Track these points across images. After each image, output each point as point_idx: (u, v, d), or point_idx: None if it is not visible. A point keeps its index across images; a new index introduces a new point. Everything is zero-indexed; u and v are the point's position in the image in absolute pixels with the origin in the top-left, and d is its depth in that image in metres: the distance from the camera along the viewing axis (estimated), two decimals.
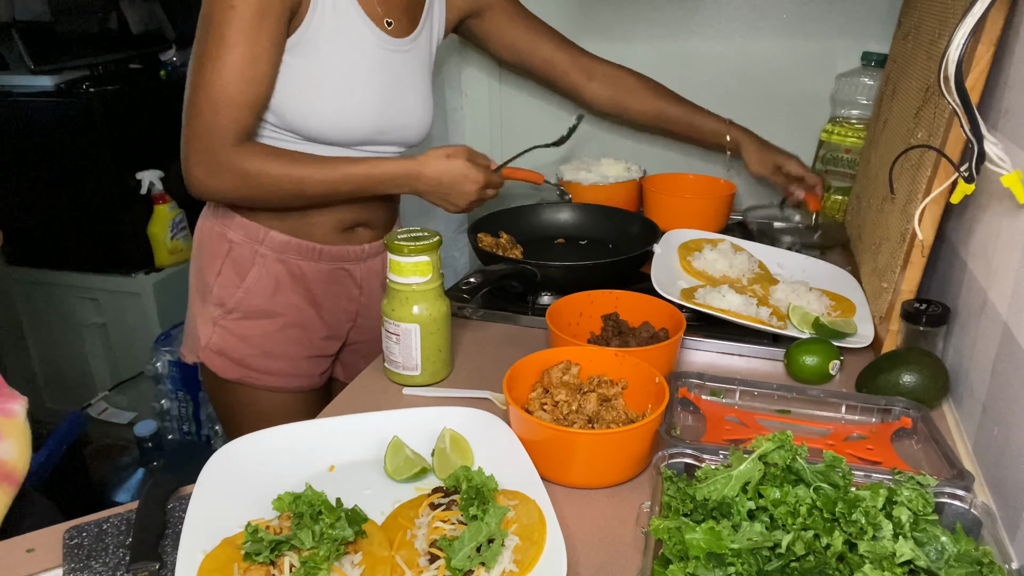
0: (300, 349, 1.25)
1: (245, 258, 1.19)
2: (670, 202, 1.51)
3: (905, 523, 0.61)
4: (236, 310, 1.20)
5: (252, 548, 0.64)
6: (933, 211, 0.95)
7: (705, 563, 0.59)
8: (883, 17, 1.50)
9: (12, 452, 0.84)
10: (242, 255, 1.19)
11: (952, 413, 0.95)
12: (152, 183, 2.27)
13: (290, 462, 0.80)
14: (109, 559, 0.70)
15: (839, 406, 0.92)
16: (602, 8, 1.66)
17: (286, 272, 1.20)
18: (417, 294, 0.97)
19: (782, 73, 1.60)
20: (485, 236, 1.33)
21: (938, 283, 1.09)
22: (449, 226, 1.92)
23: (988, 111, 0.91)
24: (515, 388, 0.88)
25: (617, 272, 1.22)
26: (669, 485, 0.70)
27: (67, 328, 2.44)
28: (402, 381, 1.02)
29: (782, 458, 0.67)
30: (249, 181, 1.07)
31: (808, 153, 1.62)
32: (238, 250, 1.19)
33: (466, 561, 0.64)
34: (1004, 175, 0.76)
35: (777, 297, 1.18)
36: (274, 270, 1.20)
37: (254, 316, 1.20)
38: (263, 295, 1.20)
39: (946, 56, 0.79)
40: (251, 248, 1.19)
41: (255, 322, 1.21)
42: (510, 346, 1.12)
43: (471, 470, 0.74)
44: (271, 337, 1.22)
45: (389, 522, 0.73)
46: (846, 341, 1.05)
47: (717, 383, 0.95)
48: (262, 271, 1.19)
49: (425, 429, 0.84)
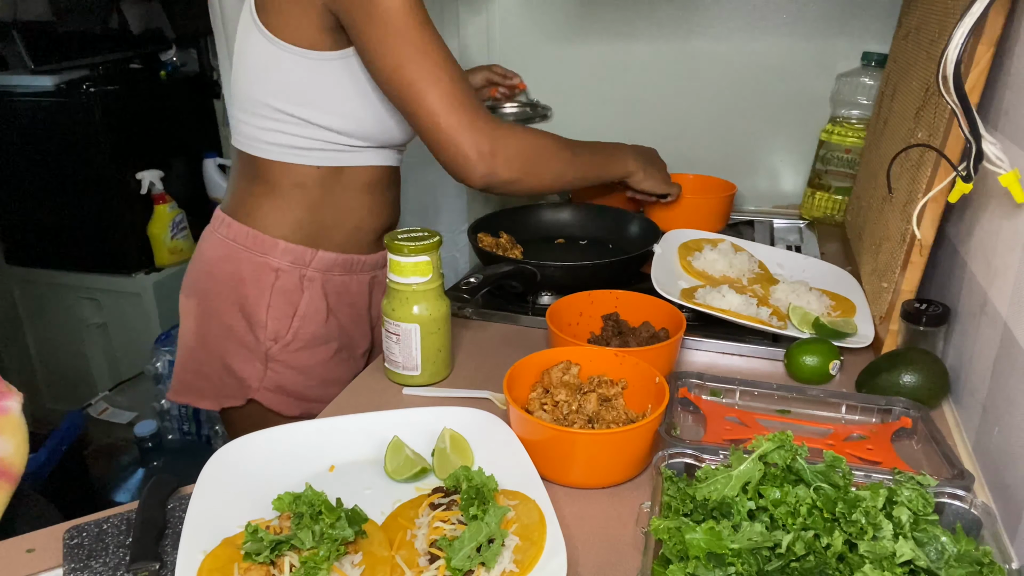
0: (349, 370, 1.21)
1: (293, 285, 1.13)
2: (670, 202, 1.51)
3: (905, 523, 0.61)
4: (293, 341, 1.14)
5: (252, 548, 0.64)
6: (933, 211, 0.95)
7: (705, 563, 0.59)
8: (883, 17, 1.50)
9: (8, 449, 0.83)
10: (290, 282, 1.13)
11: (952, 413, 0.95)
12: (152, 183, 2.28)
13: (290, 462, 0.80)
14: (109, 559, 0.70)
15: (839, 406, 0.92)
16: (602, 8, 1.66)
17: (333, 292, 1.17)
18: (417, 294, 0.97)
19: (782, 73, 1.60)
20: (485, 236, 1.33)
21: (938, 283, 1.09)
22: (449, 226, 1.92)
23: (988, 111, 0.91)
24: (515, 388, 0.88)
25: (617, 272, 1.22)
26: (669, 485, 0.70)
27: (67, 328, 2.44)
28: (402, 381, 1.02)
29: (782, 458, 0.67)
30: (531, 158, 1.07)
31: (808, 153, 1.62)
32: (285, 278, 1.12)
33: (466, 561, 0.64)
34: (1002, 174, 0.76)
35: (777, 297, 1.18)
36: (323, 292, 1.15)
37: (311, 345, 1.15)
38: (317, 321, 1.15)
39: (945, 56, 0.79)
40: (298, 273, 1.13)
41: (312, 351, 1.16)
42: (510, 346, 1.12)
43: (471, 470, 0.74)
44: (327, 364, 1.17)
45: (389, 522, 0.73)
46: (846, 341, 1.05)
47: (717, 383, 0.95)
48: (312, 295, 1.14)
49: (425, 429, 0.84)
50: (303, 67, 1.03)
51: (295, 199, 1.12)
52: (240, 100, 1.11)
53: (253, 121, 1.10)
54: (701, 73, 1.65)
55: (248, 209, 1.13)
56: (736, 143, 1.69)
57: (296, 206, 1.12)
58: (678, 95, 1.69)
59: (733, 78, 1.63)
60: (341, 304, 1.19)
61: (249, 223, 1.12)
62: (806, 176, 1.62)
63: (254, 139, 1.11)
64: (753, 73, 1.62)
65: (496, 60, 1.77)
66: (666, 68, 1.67)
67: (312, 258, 1.13)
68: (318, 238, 1.14)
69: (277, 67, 1.05)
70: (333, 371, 1.18)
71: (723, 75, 1.64)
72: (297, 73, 1.04)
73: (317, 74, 1.04)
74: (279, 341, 1.13)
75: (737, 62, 1.62)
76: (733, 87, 1.64)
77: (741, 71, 1.62)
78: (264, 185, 1.12)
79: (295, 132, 1.08)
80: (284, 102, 1.06)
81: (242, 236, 1.13)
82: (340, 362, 1.20)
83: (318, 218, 1.13)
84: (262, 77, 1.07)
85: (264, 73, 1.06)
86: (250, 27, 1.06)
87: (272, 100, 1.06)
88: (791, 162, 1.68)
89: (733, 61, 1.62)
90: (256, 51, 1.06)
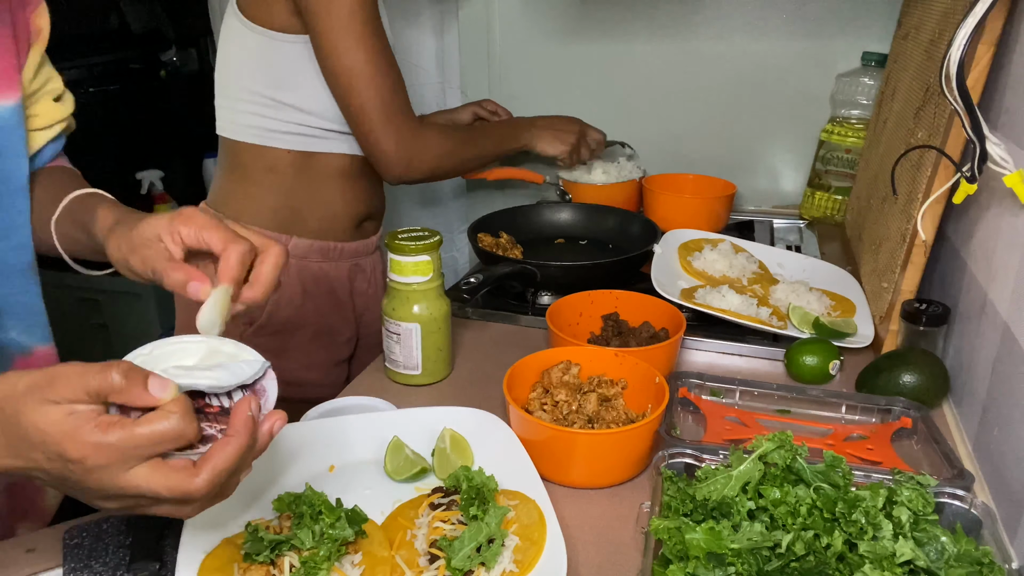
0: (328, 355, 1.25)
1: None
2: (670, 202, 1.51)
3: (905, 523, 0.61)
4: (268, 325, 1.18)
5: (252, 548, 0.64)
6: (933, 211, 0.95)
7: (705, 563, 0.59)
8: (883, 17, 1.50)
9: None
10: None
11: (952, 413, 0.95)
12: (152, 183, 2.28)
13: (290, 462, 0.80)
14: (109, 559, 0.70)
15: (839, 406, 0.92)
16: (602, 8, 1.66)
17: (311, 277, 1.20)
18: (418, 293, 0.97)
19: (782, 73, 1.60)
20: (485, 236, 1.33)
21: (938, 283, 1.09)
22: (449, 226, 1.92)
23: (988, 111, 0.91)
24: (515, 388, 0.88)
25: (617, 272, 1.22)
26: (669, 485, 0.70)
27: (67, 328, 2.43)
28: (402, 380, 1.02)
29: (782, 458, 0.67)
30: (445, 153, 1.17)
31: (808, 153, 1.62)
32: None
33: (466, 561, 0.64)
34: (1006, 175, 0.75)
35: (777, 297, 1.18)
36: (299, 277, 1.19)
37: (285, 329, 1.19)
38: (291, 306, 1.18)
39: (947, 56, 0.79)
40: None
41: (287, 335, 1.19)
42: (510, 346, 1.12)
43: (471, 470, 0.74)
44: (304, 348, 1.21)
45: (389, 522, 0.73)
46: (846, 341, 1.05)
47: (717, 383, 0.95)
48: (287, 281, 1.17)
49: (425, 429, 0.84)
50: (274, 49, 1.10)
51: (268, 185, 1.17)
52: (221, 87, 1.18)
53: (231, 105, 1.16)
54: (701, 73, 1.65)
55: (226, 199, 1.20)
56: (736, 143, 1.69)
57: (269, 192, 1.17)
58: (678, 95, 1.69)
59: (733, 78, 1.63)
60: (319, 290, 1.22)
61: (225, 212, 1.18)
62: (806, 176, 1.62)
63: (231, 123, 1.17)
64: (753, 73, 1.62)
65: (496, 60, 1.77)
66: (666, 68, 1.66)
67: (286, 244, 1.17)
68: (292, 224, 1.18)
69: (251, 50, 1.11)
70: (312, 355, 1.22)
71: (723, 75, 1.64)
72: (269, 55, 1.10)
73: (287, 56, 1.10)
74: (253, 324, 1.18)
75: (737, 62, 1.62)
76: (733, 87, 1.64)
77: (741, 71, 1.62)
78: (240, 171, 1.18)
79: (269, 115, 1.13)
80: (258, 83, 1.12)
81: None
82: (320, 347, 1.23)
83: (291, 204, 1.18)
84: (239, 62, 1.13)
85: (241, 58, 1.13)
86: (231, 19, 1.13)
87: (247, 82, 1.13)
88: (791, 162, 1.68)
89: (733, 61, 1.62)
90: (233, 36, 1.12)
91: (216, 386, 0.55)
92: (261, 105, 1.13)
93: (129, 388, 0.50)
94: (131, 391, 0.50)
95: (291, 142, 1.15)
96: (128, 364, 0.51)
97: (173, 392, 0.51)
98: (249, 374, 0.57)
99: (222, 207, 1.19)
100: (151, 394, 0.50)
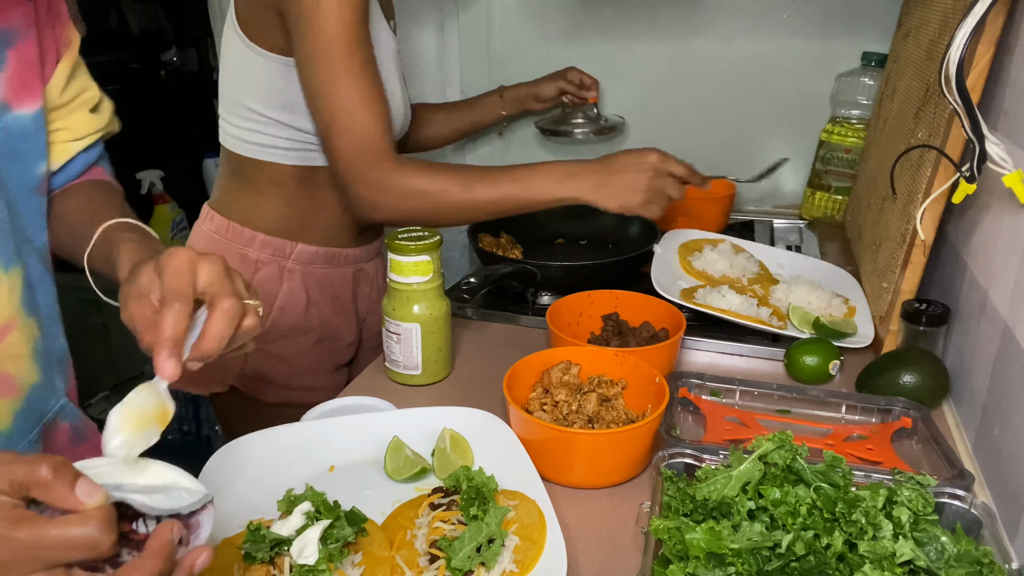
0: (331, 360, 1.25)
1: (273, 276, 1.17)
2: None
3: (905, 523, 0.61)
4: (272, 331, 1.18)
5: (252, 548, 0.64)
6: (934, 211, 0.95)
7: (705, 563, 0.59)
8: (883, 17, 1.50)
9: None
10: (270, 274, 1.17)
11: (952, 413, 0.95)
12: (152, 183, 2.28)
13: (290, 462, 0.80)
14: None
15: (839, 406, 0.92)
16: (602, 8, 1.66)
17: (315, 284, 1.20)
18: (418, 293, 0.97)
19: (782, 73, 1.60)
20: (485, 236, 1.33)
21: (938, 283, 1.09)
22: None
23: (987, 111, 0.91)
24: (515, 388, 0.88)
25: (617, 272, 1.22)
26: (669, 485, 0.70)
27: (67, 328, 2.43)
28: (402, 380, 1.02)
29: (782, 458, 0.67)
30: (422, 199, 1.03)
31: (808, 153, 1.62)
32: (265, 269, 1.17)
33: (466, 561, 0.64)
34: (1006, 175, 0.75)
35: (777, 297, 1.18)
36: (303, 284, 1.19)
37: (289, 335, 1.19)
38: (296, 312, 1.18)
39: (947, 56, 0.79)
40: (278, 265, 1.17)
41: (291, 340, 1.19)
42: (510, 346, 1.12)
43: (471, 470, 0.74)
44: (307, 353, 1.21)
45: (389, 522, 0.73)
46: (846, 341, 1.05)
47: (717, 383, 0.95)
48: (292, 287, 1.18)
49: (425, 429, 0.84)
50: (276, 72, 1.08)
51: (273, 195, 1.16)
52: (224, 100, 1.17)
53: (234, 121, 1.14)
54: (701, 73, 1.65)
55: (230, 204, 1.19)
56: (736, 143, 1.68)
57: (275, 202, 1.16)
58: (678, 95, 1.69)
59: (733, 78, 1.63)
60: (323, 296, 1.21)
61: (231, 217, 1.17)
62: (806, 176, 1.62)
63: (235, 138, 1.15)
64: (753, 73, 1.62)
65: (496, 60, 1.77)
66: (666, 68, 1.66)
67: (292, 250, 1.17)
68: (297, 232, 1.17)
69: (254, 71, 1.09)
70: (315, 360, 1.22)
71: (723, 75, 1.64)
72: (271, 77, 1.08)
73: (285, 78, 1.08)
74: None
75: (737, 62, 1.62)
76: (733, 87, 1.64)
77: (741, 71, 1.62)
78: (245, 181, 1.17)
79: (271, 133, 1.12)
80: (260, 104, 1.11)
81: (224, 229, 1.18)
82: (322, 352, 1.23)
83: (296, 213, 1.17)
84: (241, 80, 1.12)
85: (242, 76, 1.11)
86: (231, 33, 1.11)
87: (249, 102, 1.11)
88: (791, 162, 1.68)
89: (733, 61, 1.62)
90: (236, 55, 1.11)
91: (150, 507, 0.50)
92: (262, 123, 1.12)
93: (54, 485, 0.45)
94: (56, 489, 0.45)
95: (294, 158, 1.14)
96: (61, 459, 0.46)
97: (100, 500, 0.46)
98: (187, 503, 0.51)
99: (227, 211, 1.18)
100: (76, 496, 0.45)
